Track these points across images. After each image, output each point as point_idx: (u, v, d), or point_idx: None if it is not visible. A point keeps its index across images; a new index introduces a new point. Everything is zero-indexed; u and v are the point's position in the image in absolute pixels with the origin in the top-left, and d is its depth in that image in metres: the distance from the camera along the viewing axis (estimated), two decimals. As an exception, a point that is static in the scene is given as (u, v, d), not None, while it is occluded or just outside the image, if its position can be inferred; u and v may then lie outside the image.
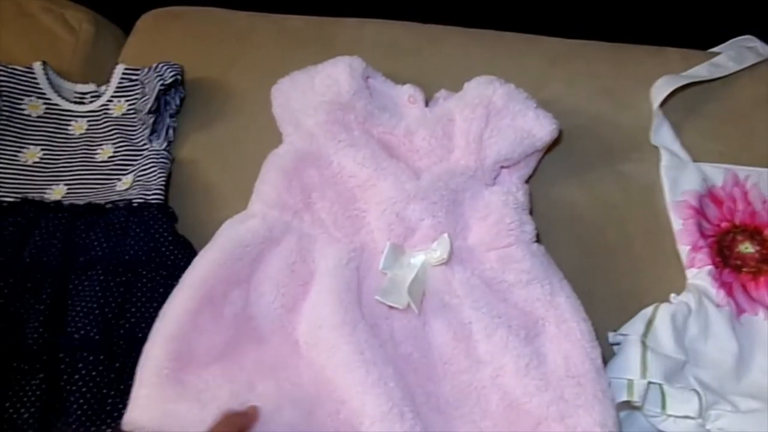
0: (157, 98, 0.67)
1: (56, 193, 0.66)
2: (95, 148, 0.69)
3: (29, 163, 0.68)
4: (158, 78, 0.67)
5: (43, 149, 0.69)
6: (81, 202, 0.64)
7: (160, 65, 0.68)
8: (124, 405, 0.49)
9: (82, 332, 0.52)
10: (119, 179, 0.66)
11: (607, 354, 0.57)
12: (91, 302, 0.54)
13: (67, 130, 0.71)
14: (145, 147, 0.68)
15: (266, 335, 0.55)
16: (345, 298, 0.55)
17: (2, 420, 0.50)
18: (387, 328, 0.56)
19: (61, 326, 0.53)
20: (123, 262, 0.57)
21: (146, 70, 0.69)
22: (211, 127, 0.71)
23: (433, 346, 0.56)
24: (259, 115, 0.70)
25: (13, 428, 0.50)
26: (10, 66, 0.71)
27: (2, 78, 0.70)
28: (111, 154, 0.68)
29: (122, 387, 0.51)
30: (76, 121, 0.71)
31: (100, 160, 0.68)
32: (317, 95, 0.66)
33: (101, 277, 0.55)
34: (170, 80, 0.67)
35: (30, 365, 0.51)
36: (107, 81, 0.74)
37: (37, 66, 0.72)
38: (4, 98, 0.70)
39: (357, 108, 0.65)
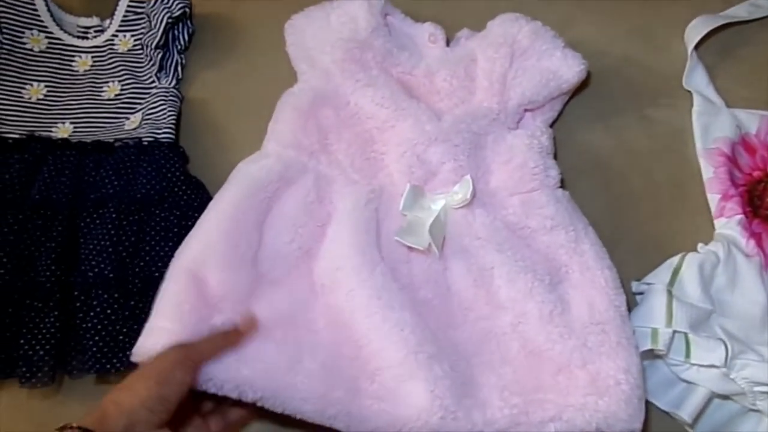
0: (165, 32, 0.63)
1: (62, 131, 0.64)
2: (101, 85, 0.66)
3: (33, 99, 0.65)
4: (165, 10, 0.63)
5: (47, 86, 0.66)
6: (88, 141, 0.62)
7: (169, -4, 0.65)
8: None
9: (96, 270, 0.51)
10: (127, 118, 0.64)
11: (631, 304, 0.56)
12: (104, 240, 0.52)
13: (71, 65, 0.67)
14: (153, 84, 0.65)
15: (282, 277, 0.53)
16: (363, 240, 0.53)
17: (18, 357, 0.50)
18: (406, 272, 0.55)
19: (74, 264, 0.52)
20: (134, 201, 0.55)
21: (152, 2, 0.65)
22: (220, 65, 0.67)
23: (452, 291, 0.55)
24: (270, 52, 0.67)
25: (29, 365, 0.49)
26: (11, -4, 0.68)
27: (1, 9, 0.67)
28: (118, 92, 0.65)
29: (136, 326, 0.50)
30: (81, 56, 0.68)
31: (106, 97, 0.65)
32: (333, 32, 0.63)
33: (113, 215, 0.53)
34: (178, 12, 0.64)
35: (44, 303, 0.50)
36: (111, 14, 0.72)
37: (41, -3, 0.69)
38: (5, 31, 0.67)
39: (375, 46, 0.62)
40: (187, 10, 0.65)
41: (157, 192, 0.55)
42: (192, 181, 0.58)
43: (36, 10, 0.68)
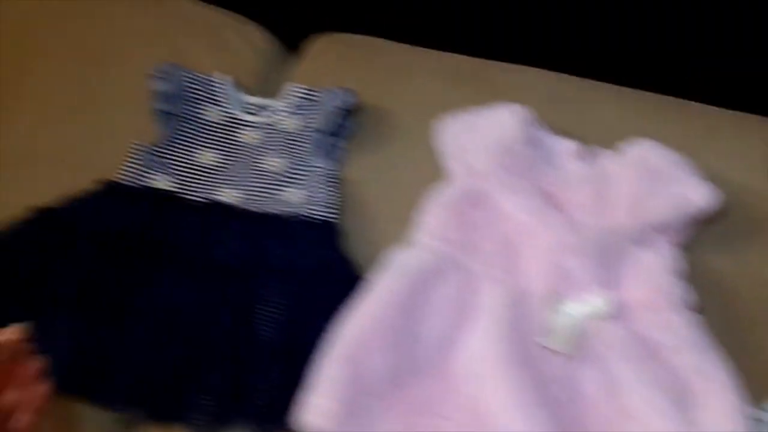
0: (333, 121, 0.71)
1: (227, 196, 0.71)
2: (266, 159, 0.74)
3: (204, 164, 0.73)
4: (336, 101, 0.72)
5: (215, 153, 0.74)
6: (252, 209, 0.69)
7: (339, 89, 0.73)
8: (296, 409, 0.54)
9: (267, 335, 0.57)
10: (289, 192, 0.71)
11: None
12: (277, 307, 0.58)
13: (238, 138, 0.76)
14: (315, 164, 0.72)
15: (424, 367, 0.58)
16: (506, 337, 0.58)
17: (186, 404, 0.55)
18: (541, 371, 0.59)
19: (246, 327, 0.58)
20: (299, 273, 0.61)
21: (324, 92, 0.74)
22: (372, 152, 0.75)
23: (582, 394, 0.59)
24: (418, 145, 0.74)
25: (197, 412, 0.55)
26: (200, 75, 0.77)
27: (188, 84, 0.76)
28: (281, 167, 0.73)
29: (297, 394, 0.55)
30: (248, 130, 0.76)
31: (270, 171, 0.73)
32: (482, 137, 0.69)
33: (281, 285, 0.59)
34: (349, 106, 0.72)
35: (217, 356, 0.56)
36: (273, 95, 0.80)
37: (219, 76, 0.78)
38: (188, 102, 0.76)
39: (523, 156, 0.68)
40: (354, 101, 0.73)
41: (321, 268, 0.61)
42: (348, 261, 0.64)
43: (216, 86, 0.77)
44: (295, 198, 0.70)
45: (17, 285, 0.59)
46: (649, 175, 0.66)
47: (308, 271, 0.62)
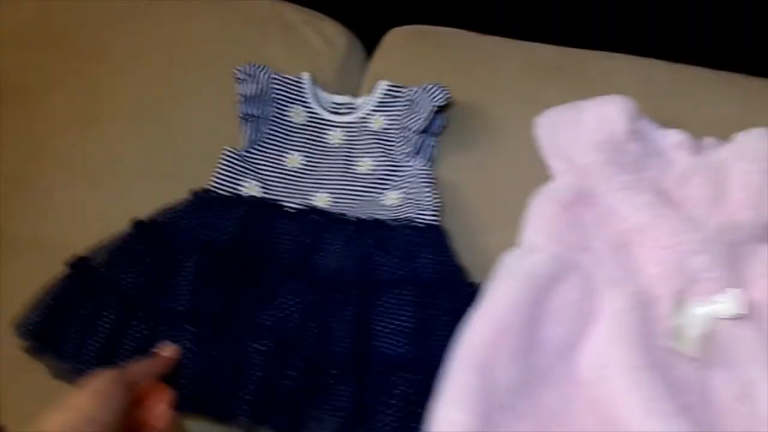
0: (429, 119, 0.69)
1: (320, 200, 0.69)
2: (355, 159, 0.72)
3: (292, 168, 0.72)
4: (431, 99, 0.69)
5: (303, 156, 0.72)
6: (346, 213, 0.67)
7: (432, 86, 0.70)
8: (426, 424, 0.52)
9: (396, 349, 0.55)
10: (383, 194, 0.69)
11: None
12: (397, 320, 0.56)
13: (324, 138, 0.74)
14: (406, 164, 0.70)
15: (548, 375, 0.56)
16: (633, 342, 0.56)
17: (310, 422, 0.54)
18: (670, 375, 0.57)
19: (369, 340, 0.56)
20: (417, 283, 0.58)
21: (417, 89, 0.71)
22: (465, 150, 0.72)
23: (714, 400, 0.56)
24: (512, 142, 0.72)
25: (321, 430, 0.54)
26: (283, 75, 0.75)
27: (275, 86, 0.74)
28: (371, 168, 0.71)
29: (425, 407, 0.53)
30: (334, 130, 0.74)
31: (360, 172, 0.71)
32: (588, 132, 0.67)
33: (399, 297, 0.57)
34: (443, 103, 0.69)
35: (342, 372, 0.54)
36: (353, 93, 0.78)
37: (306, 76, 0.75)
38: (274, 104, 0.74)
39: (630, 150, 0.65)
40: (448, 97, 0.70)
41: (437, 275, 0.59)
42: (460, 265, 0.62)
43: (303, 87, 0.75)
44: (392, 201, 0.68)
45: (128, 301, 0.58)
46: (768, 165, 0.63)
47: (426, 281, 0.59)
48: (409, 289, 0.57)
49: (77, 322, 0.58)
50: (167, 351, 0.53)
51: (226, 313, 0.57)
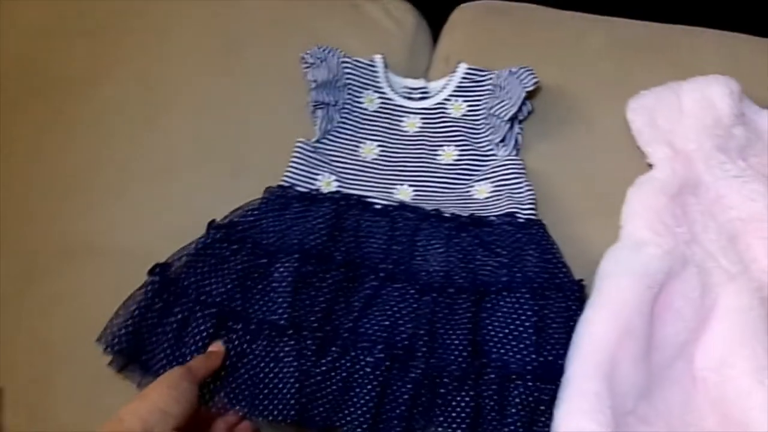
0: (520, 105, 0.64)
1: (402, 194, 0.65)
2: (435, 148, 0.67)
3: (368, 158, 0.67)
4: (521, 84, 0.64)
5: (379, 145, 0.68)
6: (430, 206, 0.63)
7: (520, 69, 0.65)
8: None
9: (513, 356, 0.52)
10: (471, 186, 0.65)
11: None
12: (513, 325, 0.53)
13: (400, 126, 0.69)
14: (492, 153, 0.66)
15: (668, 372, 0.54)
16: (755, 340, 0.53)
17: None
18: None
19: (482, 347, 0.53)
20: (531, 286, 0.54)
21: (504, 73, 0.66)
22: (552, 136, 0.68)
23: None
24: (602, 126, 0.68)
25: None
26: (354, 58, 0.70)
27: (347, 70, 0.69)
28: (456, 157, 0.66)
29: (546, 416, 0.51)
30: (409, 117, 0.70)
31: (443, 162, 0.66)
32: (690, 117, 0.63)
33: (516, 301, 0.53)
34: (532, 87, 0.64)
35: (458, 382, 0.51)
36: (423, 76, 0.73)
37: (378, 59, 0.71)
38: (347, 90, 0.69)
39: (737, 135, 0.61)
40: (535, 81, 0.65)
41: (548, 273, 0.55)
42: (563, 260, 0.58)
43: (376, 71, 0.70)
44: (482, 194, 0.64)
45: (218, 311, 0.55)
46: None
47: (538, 283, 0.55)
48: (523, 292, 0.53)
49: (164, 334, 0.55)
50: (216, 346, 0.55)
51: (327, 323, 0.54)
